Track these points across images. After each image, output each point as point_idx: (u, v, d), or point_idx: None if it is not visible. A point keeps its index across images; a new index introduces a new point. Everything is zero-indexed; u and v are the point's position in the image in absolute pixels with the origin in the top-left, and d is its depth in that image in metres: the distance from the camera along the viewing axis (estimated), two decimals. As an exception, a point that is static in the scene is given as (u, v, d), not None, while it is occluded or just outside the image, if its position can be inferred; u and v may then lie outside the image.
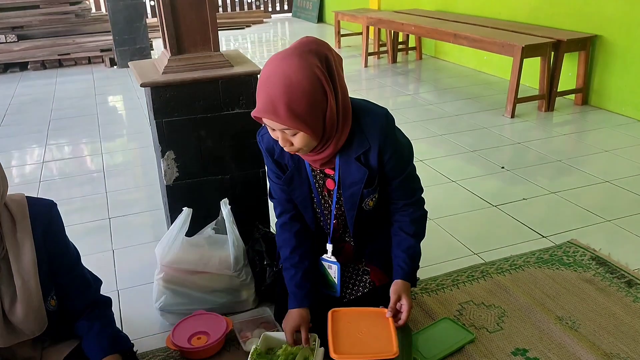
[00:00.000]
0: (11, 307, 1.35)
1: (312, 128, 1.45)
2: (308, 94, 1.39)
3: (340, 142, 1.56)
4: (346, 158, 1.61)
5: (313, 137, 1.48)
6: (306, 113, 1.41)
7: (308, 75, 1.39)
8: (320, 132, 1.48)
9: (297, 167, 1.70)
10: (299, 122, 1.41)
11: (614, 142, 3.67)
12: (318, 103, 1.42)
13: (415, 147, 1.81)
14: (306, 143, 1.49)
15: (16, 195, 1.40)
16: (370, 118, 1.58)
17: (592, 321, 1.95)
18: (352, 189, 1.66)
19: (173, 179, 2.14)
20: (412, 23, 5.48)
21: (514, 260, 2.34)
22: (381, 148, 1.59)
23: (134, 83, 5.86)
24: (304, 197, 1.74)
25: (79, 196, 3.23)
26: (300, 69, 1.38)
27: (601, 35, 4.22)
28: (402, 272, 1.73)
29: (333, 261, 1.81)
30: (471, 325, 1.96)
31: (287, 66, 1.39)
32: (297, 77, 1.38)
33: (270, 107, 1.41)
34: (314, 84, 1.40)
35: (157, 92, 2.02)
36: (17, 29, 6.84)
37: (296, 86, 1.38)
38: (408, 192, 1.75)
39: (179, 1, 2.02)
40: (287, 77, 1.38)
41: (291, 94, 1.38)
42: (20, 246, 1.34)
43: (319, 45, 1.45)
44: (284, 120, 1.41)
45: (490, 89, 5.06)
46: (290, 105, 1.39)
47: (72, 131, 4.46)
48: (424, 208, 1.81)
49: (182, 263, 1.98)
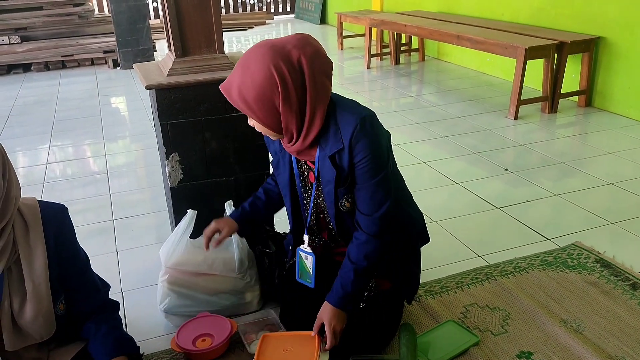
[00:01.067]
0: (21, 310, 1.35)
1: (261, 119, 1.54)
2: (258, 86, 1.48)
3: (308, 140, 1.59)
4: (323, 155, 1.64)
5: (266, 127, 1.56)
6: (253, 102, 1.50)
7: (263, 70, 1.47)
8: (274, 125, 1.55)
9: (283, 154, 1.77)
10: (247, 109, 1.53)
11: (617, 144, 3.67)
12: (267, 97, 1.49)
13: (418, 149, 1.82)
14: (263, 130, 1.60)
15: (28, 199, 1.41)
16: (347, 119, 1.59)
17: (597, 324, 1.95)
18: (328, 187, 1.69)
19: (177, 181, 2.14)
20: (415, 24, 5.48)
21: (518, 262, 2.34)
22: (352, 149, 1.59)
23: (137, 84, 5.87)
24: (285, 183, 1.81)
25: (83, 197, 3.24)
26: (260, 62, 1.48)
27: (604, 37, 4.21)
28: (331, 294, 1.70)
29: (309, 252, 1.83)
30: (475, 328, 1.95)
31: (254, 55, 1.50)
32: (254, 68, 1.48)
33: (227, 86, 1.54)
34: (265, 78, 1.47)
35: (162, 95, 2.03)
36: (20, 31, 6.86)
37: (249, 76, 1.49)
38: (373, 202, 1.64)
39: (183, 4, 2.03)
40: (248, 66, 1.50)
41: (244, 81, 1.50)
42: (32, 250, 1.35)
43: (298, 48, 1.49)
44: (234, 101, 1.54)
45: (493, 91, 5.06)
46: (241, 90, 1.51)
47: (75, 132, 4.46)
48: (382, 234, 1.67)
49: (186, 265, 1.98)
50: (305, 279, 1.87)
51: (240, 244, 2.01)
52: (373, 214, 1.65)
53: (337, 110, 1.60)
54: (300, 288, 1.88)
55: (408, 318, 2.01)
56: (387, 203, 1.65)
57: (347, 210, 1.72)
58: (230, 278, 2.01)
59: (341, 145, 1.58)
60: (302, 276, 1.88)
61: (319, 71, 1.52)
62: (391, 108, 4.78)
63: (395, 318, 1.88)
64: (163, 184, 2.68)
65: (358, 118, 1.56)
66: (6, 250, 1.32)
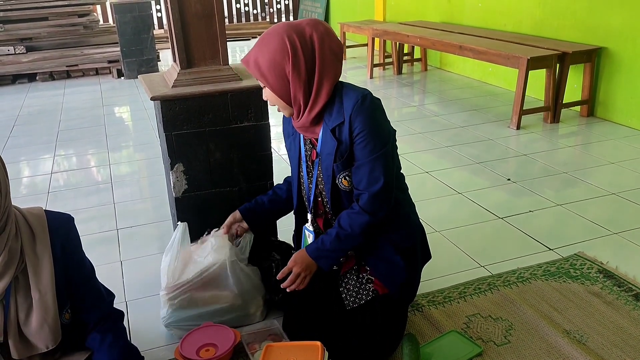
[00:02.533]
0: (27, 319, 1.36)
1: (272, 85, 1.66)
2: (271, 52, 1.62)
3: (313, 112, 1.70)
4: (326, 128, 1.73)
5: (277, 95, 1.68)
6: (266, 68, 1.64)
7: (277, 40, 1.62)
8: (283, 94, 1.67)
9: (294, 136, 1.89)
10: (260, 75, 1.66)
11: (620, 153, 3.68)
12: (278, 63, 1.62)
13: (420, 159, 1.84)
14: (274, 99, 1.71)
15: (35, 209, 1.43)
16: (350, 95, 1.69)
17: (600, 335, 1.95)
18: (327, 162, 1.76)
19: (182, 191, 2.16)
20: (418, 35, 5.51)
21: (520, 272, 2.34)
22: (352, 123, 1.67)
23: (141, 94, 5.90)
24: (295, 163, 1.92)
25: (87, 207, 3.25)
26: (275, 34, 1.63)
27: (606, 47, 4.23)
28: (309, 245, 1.84)
29: (311, 230, 1.92)
30: (478, 339, 1.96)
31: (272, 30, 1.66)
32: (270, 39, 1.64)
33: (247, 58, 1.69)
34: (278, 46, 1.62)
35: (166, 106, 2.04)
36: (26, 41, 6.91)
37: (265, 45, 1.64)
38: (369, 179, 1.70)
39: (188, 16, 2.05)
40: (264, 39, 1.66)
41: (261, 50, 1.65)
42: (39, 259, 1.36)
43: (311, 26, 1.64)
44: (251, 68, 1.67)
45: (496, 101, 5.07)
46: (257, 59, 1.65)
47: (80, 142, 4.49)
48: (375, 212, 1.73)
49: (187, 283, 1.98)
50: None
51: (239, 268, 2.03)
52: (368, 188, 1.71)
53: (343, 90, 1.72)
54: (308, 300, 1.89)
55: (411, 328, 2.02)
56: (382, 180, 1.70)
57: (344, 190, 1.78)
58: (231, 295, 2.01)
59: (342, 119, 1.68)
60: None
61: (329, 48, 1.64)
62: (394, 118, 4.78)
63: (397, 327, 1.88)
64: (167, 194, 2.69)
65: (360, 95, 1.68)
66: (14, 259, 1.33)
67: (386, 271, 1.85)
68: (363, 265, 1.89)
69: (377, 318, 1.81)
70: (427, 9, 6.58)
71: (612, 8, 4.14)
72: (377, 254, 1.86)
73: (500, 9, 5.35)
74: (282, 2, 10.75)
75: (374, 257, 1.87)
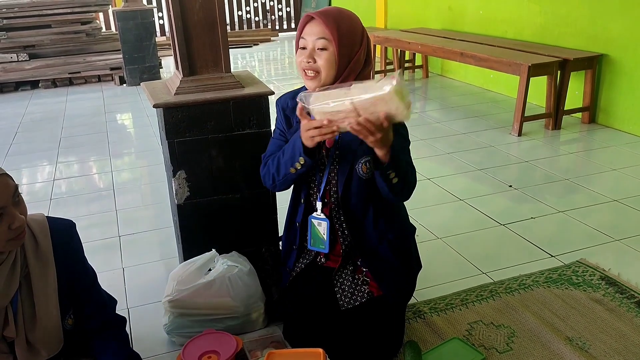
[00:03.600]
0: (30, 325, 1.36)
1: (340, 50, 1.66)
2: (353, 23, 1.70)
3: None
4: None
5: (336, 61, 1.66)
6: (344, 34, 1.66)
7: (355, 17, 1.72)
8: (343, 65, 1.68)
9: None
10: (336, 35, 1.64)
11: (621, 160, 3.68)
12: (354, 40, 1.68)
13: (422, 166, 1.85)
14: (326, 65, 1.67)
15: (37, 215, 1.43)
16: None
17: (603, 342, 1.94)
18: (347, 148, 1.77)
19: (184, 198, 2.16)
20: (419, 42, 5.53)
21: (523, 279, 2.34)
22: None
23: (143, 101, 5.92)
24: None
25: (89, 214, 3.26)
26: (351, 13, 1.72)
27: (607, 54, 4.24)
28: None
29: (322, 218, 1.86)
30: (481, 346, 1.95)
31: (340, 9, 1.72)
32: (346, 12, 1.71)
33: (324, 12, 1.68)
34: (357, 23, 1.72)
35: (169, 113, 2.05)
36: (28, 48, 6.94)
37: (343, 16, 1.69)
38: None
39: (191, 24, 2.06)
40: (340, 10, 1.71)
41: (341, 16, 1.68)
42: (42, 265, 1.37)
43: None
44: (328, 23, 1.65)
45: (497, 107, 5.08)
46: (337, 20, 1.66)
47: (82, 149, 4.51)
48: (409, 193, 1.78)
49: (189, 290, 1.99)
50: (318, 245, 1.90)
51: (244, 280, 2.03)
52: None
53: None
54: (303, 304, 1.89)
55: (413, 335, 2.02)
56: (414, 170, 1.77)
57: (361, 176, 1.76)
58: (232, 302, 2.02)
59: None
60: (315, 243, 1.91)
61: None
62: (395, 124, 4.79)
63: (395, 330, 1.88)
64: (169, 201, 2.70)
65: None
66: (16, 265, 1.34)
67: (383, 272, 1.85)
68: (359, 266, 1.89)
69: (373, 320, 1.81)
70: (428, 16, 6.61)
71: (612, 15, 4.16)
72: (374, 254, 1.87)
73: (502, 16, 5.37)
74: (283, 9, 10.80)
75: (370, 257, 1.87)
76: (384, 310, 1.83)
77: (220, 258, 2.11)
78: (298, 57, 1.73)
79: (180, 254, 2.34)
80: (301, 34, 1.72)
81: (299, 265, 1.96)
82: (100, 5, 7.49)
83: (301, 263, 1.96)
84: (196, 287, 1.99)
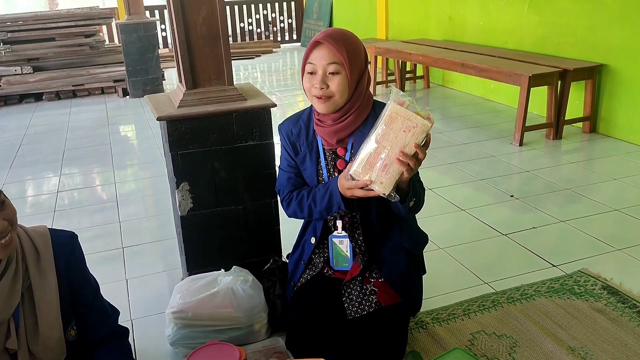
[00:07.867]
0: (33, 336, 1.38)
1: (352, 73, 1.70)
2: (358, 45, 1.73)
3: (359, 119, 1.78)
4: (360, 135, 1.77)
5: (348, 84, 1.71)
6: (352, 57, 1.70)
7: (359, 40, 1.77)
8: (353, 87, 1.73)
9: (310, 148, 1.89)
10: (347, 58, 1.68)
11: (622, 169, 3.69)
12: (361, 61, 1.73)
13: (424, 176, 1.86)
14: (340, 89, 1.71)
15: (39, 227, 1.45)
16: (380, 105, 1.76)
17: (605, 352, 1.95)
18: None
19: (187, 210, 2.18)
20: (420, 53, 5.56)
21: (524, 289, 2.35)
22: None
23: (146, 113, 5.96)
24: (313, 176, 1.91)
25: (92, 225, 3.28)
26: (353, 36, 1.76)
27: (607, 64, 4.27)
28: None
29: (343, 235, 1.90)
30: (483, 356, 1.96)
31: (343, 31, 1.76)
32: (349, 35, 1.74)
33: (330, 36, 1.69)
34: (361, 45, 1.76)
35: (173, 126, 2.08)
36: (32, 61, 7.01)
37: (347, 38, 1.72)
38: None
39: (194, 38, 2.09)
40: (343, 32, 1.74)
41: (347, 39, 1.72)
42: (43, 277, 1.38)
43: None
44: (339, 47, 1.68)
45: (498, 117, 5.10)
46: (345, 43, 1.70)
47: (85, 161, 4.53)
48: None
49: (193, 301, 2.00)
50: (342, 264, 1.93)
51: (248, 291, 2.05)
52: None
53: (376, 105, 1.83)
54: (310, 314, 1.90)
55: (415, 345, 2.02)
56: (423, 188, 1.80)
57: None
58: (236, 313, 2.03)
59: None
60: (338, 263, 1.94)
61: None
62: (397, 135, 4.81)
63: (400, 340, 1.88)
64: (172, 212, 2.71)
65: None
66: (18, 277, 1.35)
67: (401, 282, 1.88)
68: (367, 277, 1.91)
69: (378, 330, 1.82)
70: (428, 27, 6.65)
71: (612, 25, 4.19)
72: (391, 265, 1.90)
73: (502, 26, 5.40)
74: (285, 21, 10.87)
75: (388, 268, 1.90)
76: (390, 319, 1.84)
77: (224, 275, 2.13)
78: (307, 83, 1.75)
79: (183, 265, 2.35)
80: (307, 59, 1.73)
81: (305, 277, 1.98)
82: (103, 19, 7.56)
83: (307, 274, 1.99)
84: (200, 299, 2.01)
